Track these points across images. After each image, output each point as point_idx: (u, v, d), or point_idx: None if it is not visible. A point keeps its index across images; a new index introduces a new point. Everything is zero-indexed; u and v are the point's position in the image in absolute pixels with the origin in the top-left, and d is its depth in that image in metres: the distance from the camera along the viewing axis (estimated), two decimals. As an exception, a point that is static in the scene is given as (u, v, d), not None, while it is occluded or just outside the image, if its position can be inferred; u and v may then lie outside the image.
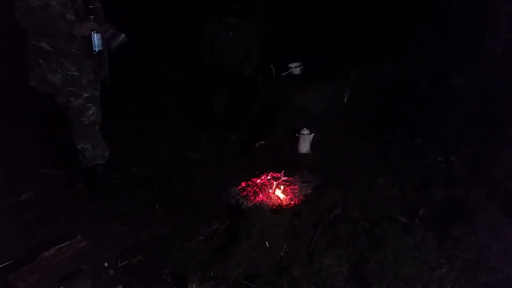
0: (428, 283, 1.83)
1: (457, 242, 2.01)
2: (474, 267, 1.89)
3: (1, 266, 2.10)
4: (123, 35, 2.57)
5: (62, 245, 2.09)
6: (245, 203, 2.59)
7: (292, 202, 2.57)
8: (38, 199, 2.81)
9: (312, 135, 3.29)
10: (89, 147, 2.68)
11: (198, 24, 3.61)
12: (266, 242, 2.13)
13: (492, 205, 2.22)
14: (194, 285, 1.85)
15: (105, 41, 2.50)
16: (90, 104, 2.59)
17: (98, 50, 2.43)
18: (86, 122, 2.61)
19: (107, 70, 2.68)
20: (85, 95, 2.55)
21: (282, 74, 4.28)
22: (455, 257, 1.94)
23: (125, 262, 2.16)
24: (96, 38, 2.40)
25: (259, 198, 2.61)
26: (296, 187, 2.73)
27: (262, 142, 3.32)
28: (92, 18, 2.40)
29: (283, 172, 2.86)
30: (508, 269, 1.86)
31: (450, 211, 2.27)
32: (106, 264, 2.14)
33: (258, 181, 2.81)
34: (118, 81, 3.02)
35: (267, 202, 2.57)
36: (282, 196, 2.63)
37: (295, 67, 4.31)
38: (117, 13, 2.81)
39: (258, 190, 2.68)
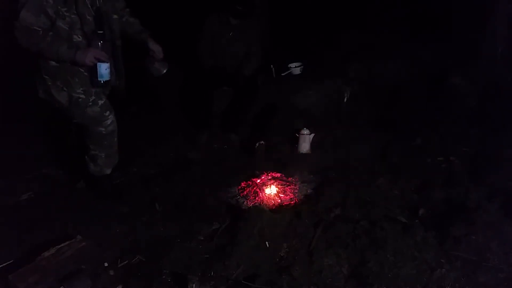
0: (428, 283, 1.83)
1: (457, 242, 2.01)
2: (474, 267, 1.89)
3: (1, 266, 2.10)
4: (168, 67, 2.45)
5: (62, 245, 2.08)
6: (245, 203, 2.59)
7: (292, 202, 2.57)
8: (38, 199, 2.80)
9: (312, 135, 3.29)
10: (103, 156, 2.55)
11: (198, 24, 3.61)
12: (266, 242, 2.13)
13: (492, 205, 2.23)
14: (194, 285, 1.85)
15: (113, 69, 2.30)
16: (107, 113, 2.42)
17: (104, 81, 2.22)
18: (104, 132, 2.44)
19: (123, 80, 2.55)
20: (100, 102, 2.38)
21: (282, 74, 4.29)
22: (455, 257, 1.94)
23: (125, 262, 2.16)
24: (102, 68, 2.18)
25: (259, 198, 2.61)
26: (296, 187, 2.73)
27: (262, 142, 3.31)
28: (101, 43, 2.19)
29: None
30: (508, 269, 1.86)
31: (450, 211, 2.27)
32: (106, 264, 2.14)
33: (258, 181, 2.81)
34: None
35: (267, 202, 2.57)
36: (280, 194, 2.63)
37: (295, 67, 4.31)
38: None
39: (258, 190, 2.68)
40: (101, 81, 2.22)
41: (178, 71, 4.25)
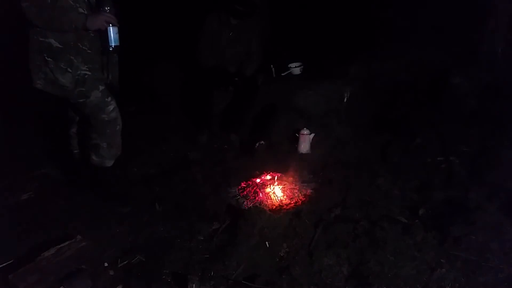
0: (428, 283, 1.84)
1: (457, 242, 2.01)
2: (474, 267, 1.89)
3: (1, 266, 2.10)
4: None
5: (62, 245, 2.09)
6: (245, 203, 2.59)
7: (292, 202, 2.57)
8: (38, 199, 2.80)
9: (312, 135, 3.29)
10: (105, 145, 2.47)
11: (198, 24, 3.61)
12: (266, 242, 2.14)
13: (492, 205, 2.23)
14: (194, 285, 1.86)
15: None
16: (109, 99, 2.38)
17: (114, 46, 2.23)
18: (106, 119, 2.39)
19: (116, 71, 2.51)
20: (101, 88, 2.35)
21: (282, 74, 4.28)
22: (455, 257, 1.95)
23: (125, 262, 2.16)
24: (112, 32, 2.19)
25: (259, 198, 2.61)
26: (296, 187, 2.73)
27: (262, 142, 3.31)
28: (108, 9, 2.19)
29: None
30: (508, 269, 1.86)
31: (450, 211, 2.27)
32: (106, 264, 2.14)
33: (258, 181, 2.81)
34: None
35: (267, 202, 2.57)
36: (280, 194, 2.63)
37: (295, 67, 4.31)
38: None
39: (258, 190, 2.68)
40: (112, 46, 2.23)
41: (178, 71, 4.27)
